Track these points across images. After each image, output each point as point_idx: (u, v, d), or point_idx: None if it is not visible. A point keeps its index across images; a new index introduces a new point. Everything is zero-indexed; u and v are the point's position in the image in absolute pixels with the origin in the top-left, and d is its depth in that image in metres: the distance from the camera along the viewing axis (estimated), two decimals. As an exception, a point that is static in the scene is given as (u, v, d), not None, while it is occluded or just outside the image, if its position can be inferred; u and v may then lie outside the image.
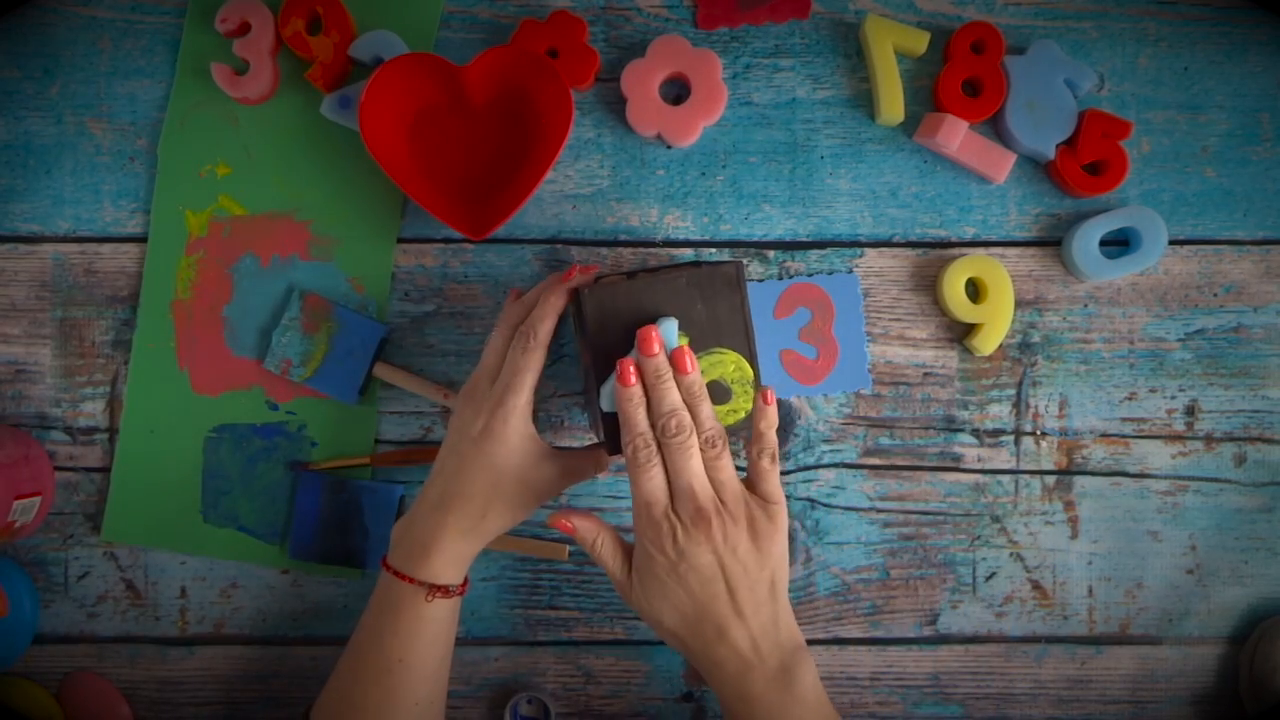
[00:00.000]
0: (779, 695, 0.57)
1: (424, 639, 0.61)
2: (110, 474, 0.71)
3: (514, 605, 0.71)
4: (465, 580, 0.63)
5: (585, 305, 0.60)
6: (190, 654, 0.71)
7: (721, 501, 0.58)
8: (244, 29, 0.69)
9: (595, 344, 0.60)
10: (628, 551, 0.60)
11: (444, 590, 0.61)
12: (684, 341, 0.60)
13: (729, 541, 0.57)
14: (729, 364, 0.60)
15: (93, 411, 0.71)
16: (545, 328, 0.61)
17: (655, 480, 0.57)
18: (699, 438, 0.58)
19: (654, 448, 0.58)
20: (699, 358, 0.60)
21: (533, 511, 0.63)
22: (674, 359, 0.58)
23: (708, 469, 0.58)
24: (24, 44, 0.72)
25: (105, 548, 0.71)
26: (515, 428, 0.61)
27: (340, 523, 0.70)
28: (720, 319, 0.60)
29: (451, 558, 0.61)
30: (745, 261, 0.71)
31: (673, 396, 0.58)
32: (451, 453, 0.62)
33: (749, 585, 0.58)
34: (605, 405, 0.60)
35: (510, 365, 0.61)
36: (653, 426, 0.58)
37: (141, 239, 0.72)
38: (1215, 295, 0.72)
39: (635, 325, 0.60)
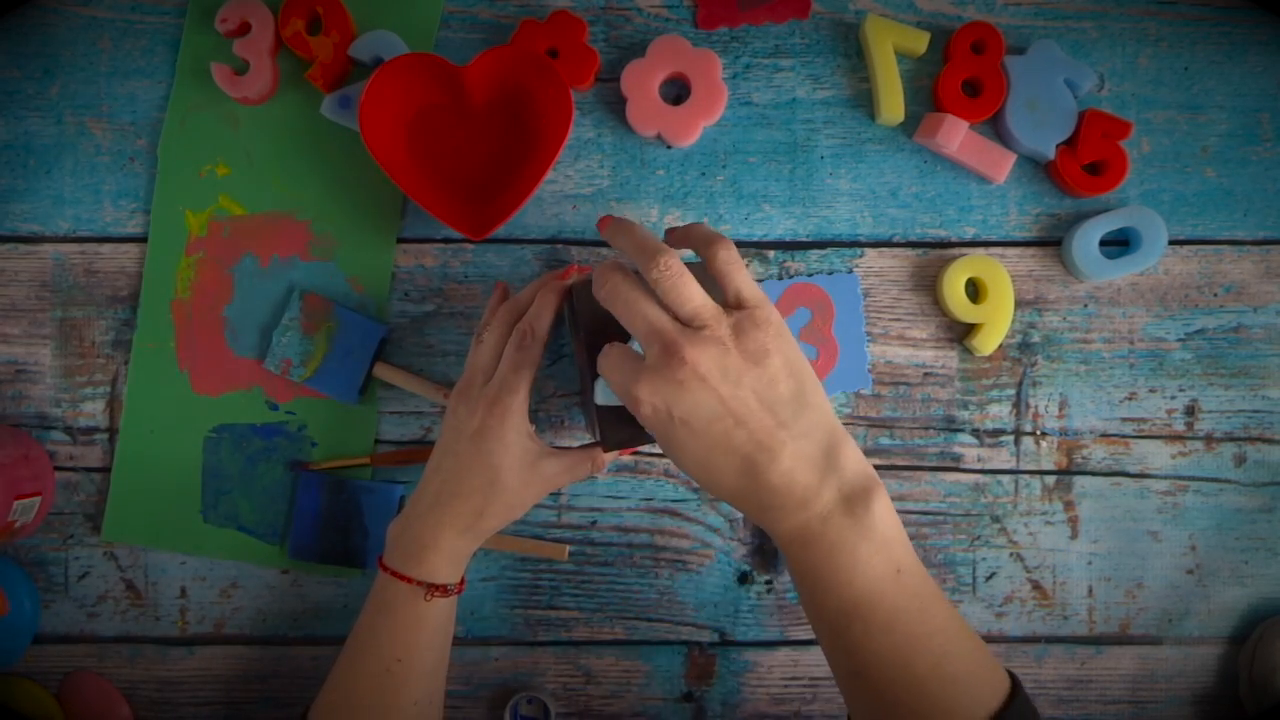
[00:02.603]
0: (839, 529, 0.49)
1: (422, 638, 0.61)
2: (110, 474, 0.71)
3: (514, 605, 0.71)
4: (462, 579, 0.63)
5: (578, 301, 0.60)
6: (190, 654, 0.71)
7: (693, 329, 0.50)
8: (244, 29, 0.69)
9: (588, 340, 0.60)
10: None
11: (442, 589, 0.61)
12: None
13: (715, 366, 0.49)
14: None
15: (93, 411, 0.71)
16: (543, 324, 0.61)
17: (616, 349, 0.53)
18: (654, 267, 0.51)
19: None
20: None
21: (528, 509, 0.63)
22: (599, 225, 0.56)
23: (669, 297, 0.51)
24: (24, 44, 0.72)
25: (105, 548, 0.71)
26: (512, 425, 0.61)
27: (340, 523, 0.70)
28: None
29: (449, 557, 0.61)
30: (745, 262, 0.71)
31: (602, 269, 0.54)
32: (447, 452, 0.62)
33: (764, 408, 0.50)
34: (600, 399, 0.60)
35: (508, 362, 0.61)
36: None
37: (141, 239, 0.72)
38: (1215, 295, 0.72)
39: None
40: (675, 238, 0.57)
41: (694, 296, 0.51)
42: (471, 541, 0.62)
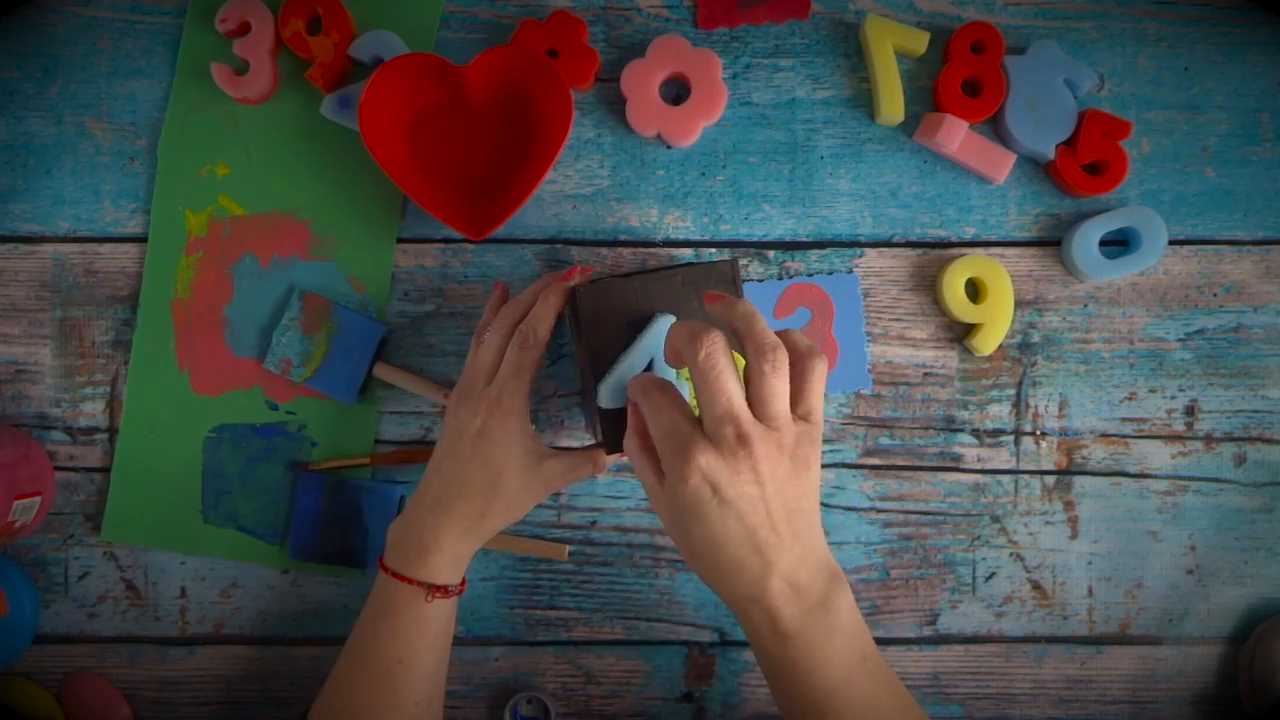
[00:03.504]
0: (818, 626, 0.53)
1: (423, 639, 0.61)
2: (110, 474, 0.71)
3: (514, 605, 0.71)
4: (463, 580, 0.63)
5: (581, 303, 0.60)
6: (190, 654, 0.71)
7: (765, 426, 0.52)
8: (244, 29, 0.69)
9: (592, 342, 0.60)
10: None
11: (443, 590, 0.61)
12: None
13: (772, 467, 0.51)
14: None
15: (93, 411, 0.71)
16: (545, 327, 0.61)
17: (674, 408, 0.52)
18: (768, 359, 0.52)
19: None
20: None
21: (529, 511, 0.64)
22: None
23: (761, 390, 0.52)
24: (24, 44, 0.72)
25: (105, 548, 0.71)
26: (514, 427, 0.61)
27: (340, 523, 0.70)
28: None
29: (450, 558, 0.61)
30: (745, 262, 0.71)
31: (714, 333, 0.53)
32: (448, 453, 0.62)
33: (788, 516, 0.52)
34: (604, 402, 0.60)
35: (509, 364, 0.61)
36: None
37: (141, 239, 0.72)
38: (1215, 295, 0.72)
39: (631, 324, 0.60)
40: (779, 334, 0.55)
41: (780, 398, 0.52)
42: (473, 543, 0.62)
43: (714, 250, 0.72)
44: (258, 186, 0.71)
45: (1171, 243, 0.71)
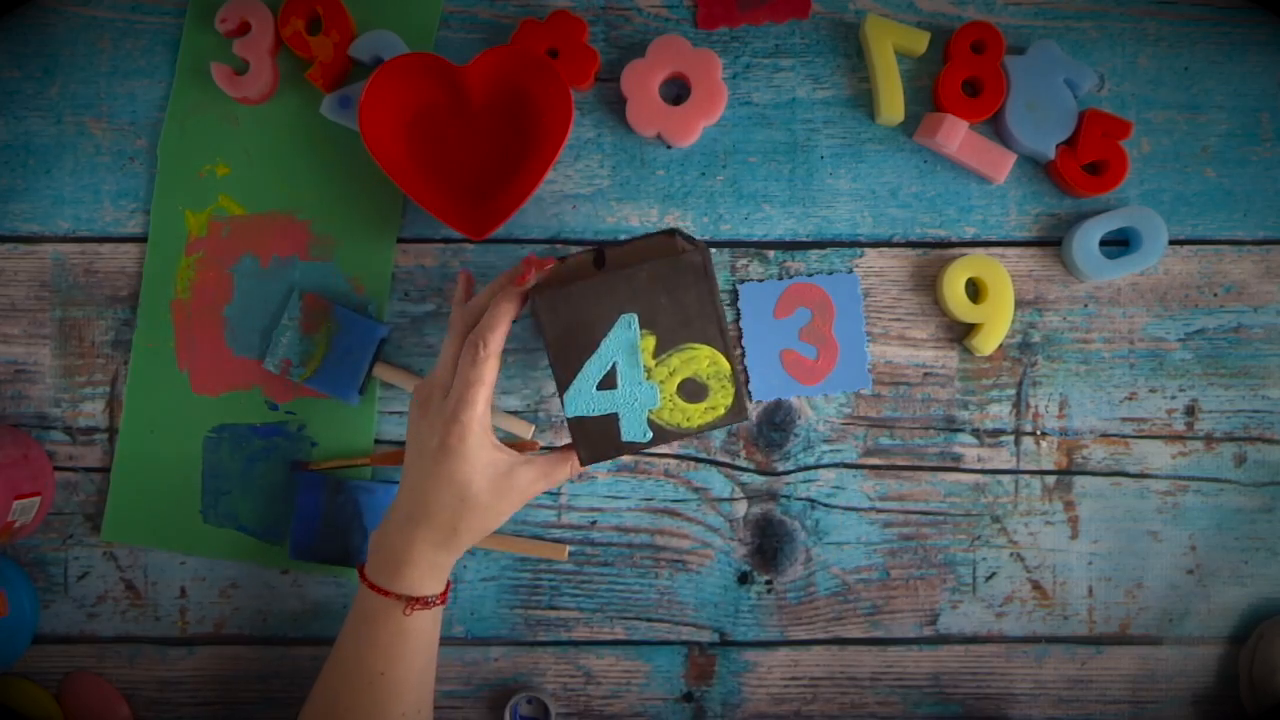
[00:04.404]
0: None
1: (405, 651, 0.60)
2: (110, 474, 0.71)
3: (514, 605, 0.71)
4: (447, 587, 0.62)
5: (540, 313, 0.57)
6: (190, 654, 0.71)
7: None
8: (244, 29, 0.69)
9: (553, 350, 0.58)
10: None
11: (423, 601, 0.60)
12: (649, 341, 0.58)
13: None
14: (702, 359, 0.59)
15: (92, 411, 0.71)
16: (496, 337, 0.59)
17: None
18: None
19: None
20: (669, 355, 0.59)
21: (507, 519, 0.62)
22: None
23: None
24: (24, 44, 0.72)
25: (105, 548, 0.71)
26: (474, 442, 0.58)
27: (340, 523, 0.70)
28: (689, 312, 0.58)
29: (426, 570, 0.60)
30: (745, 262, 0.71)
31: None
32: (413, 468, 0.61)
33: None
34: (568, 410, 0.59)
35: (461, 378, 0.59)
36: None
37: (141, 239, 0.72)
38: (1215, 295, 0.72)
39: (594, 328, 0.58)
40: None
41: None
42: (450, 554, 0.61)
43: (713, 251, 0.71)
44: (258, 186, 0.71)
45: (1172, 243, 0.71)
